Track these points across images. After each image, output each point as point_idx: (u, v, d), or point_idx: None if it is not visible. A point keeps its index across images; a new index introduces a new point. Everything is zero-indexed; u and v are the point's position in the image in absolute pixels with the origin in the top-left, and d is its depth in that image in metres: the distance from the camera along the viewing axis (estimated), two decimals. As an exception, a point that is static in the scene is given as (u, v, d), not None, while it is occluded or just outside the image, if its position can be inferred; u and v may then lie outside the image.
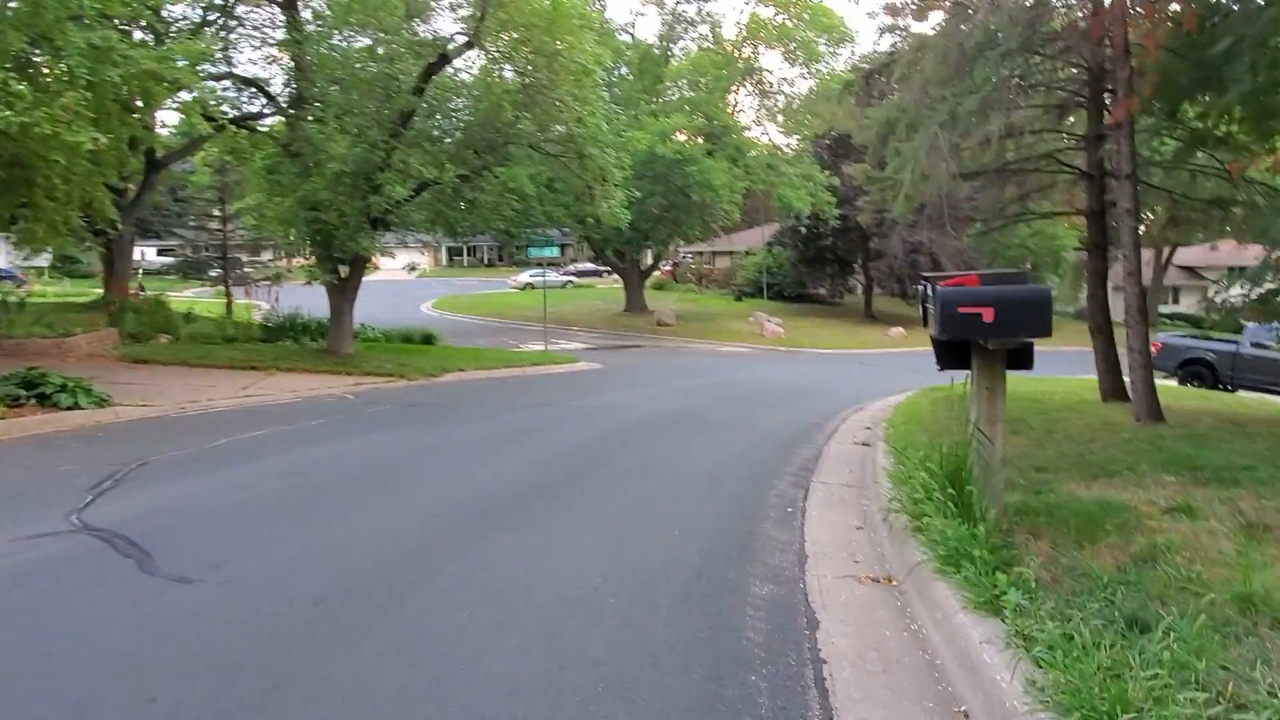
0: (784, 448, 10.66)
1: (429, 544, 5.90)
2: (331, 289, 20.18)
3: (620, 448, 10.28)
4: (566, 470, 8.74)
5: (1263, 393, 21.26)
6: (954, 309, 5.00)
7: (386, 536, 6.06)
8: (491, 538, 6.05)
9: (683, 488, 7.98)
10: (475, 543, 5.93)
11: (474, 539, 6.03)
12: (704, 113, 31.17)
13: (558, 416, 13.21)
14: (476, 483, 8.03)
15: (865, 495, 7.90)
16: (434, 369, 19.23)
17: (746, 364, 26.10)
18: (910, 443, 9.58)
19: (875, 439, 11.03)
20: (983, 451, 5.57)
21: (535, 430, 11.65)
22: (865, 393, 18.83)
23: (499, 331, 35.06)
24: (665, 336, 34.55)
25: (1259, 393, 21.26)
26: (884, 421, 12.50)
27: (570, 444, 10.47)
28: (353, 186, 18.11)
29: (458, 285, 57.59)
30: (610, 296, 45.32)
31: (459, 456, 9.42)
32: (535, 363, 22.72)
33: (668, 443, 10.77)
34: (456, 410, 13.78)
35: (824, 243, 39.85)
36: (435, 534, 6.15)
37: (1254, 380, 21.77)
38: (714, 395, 17.10)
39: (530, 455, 9.62)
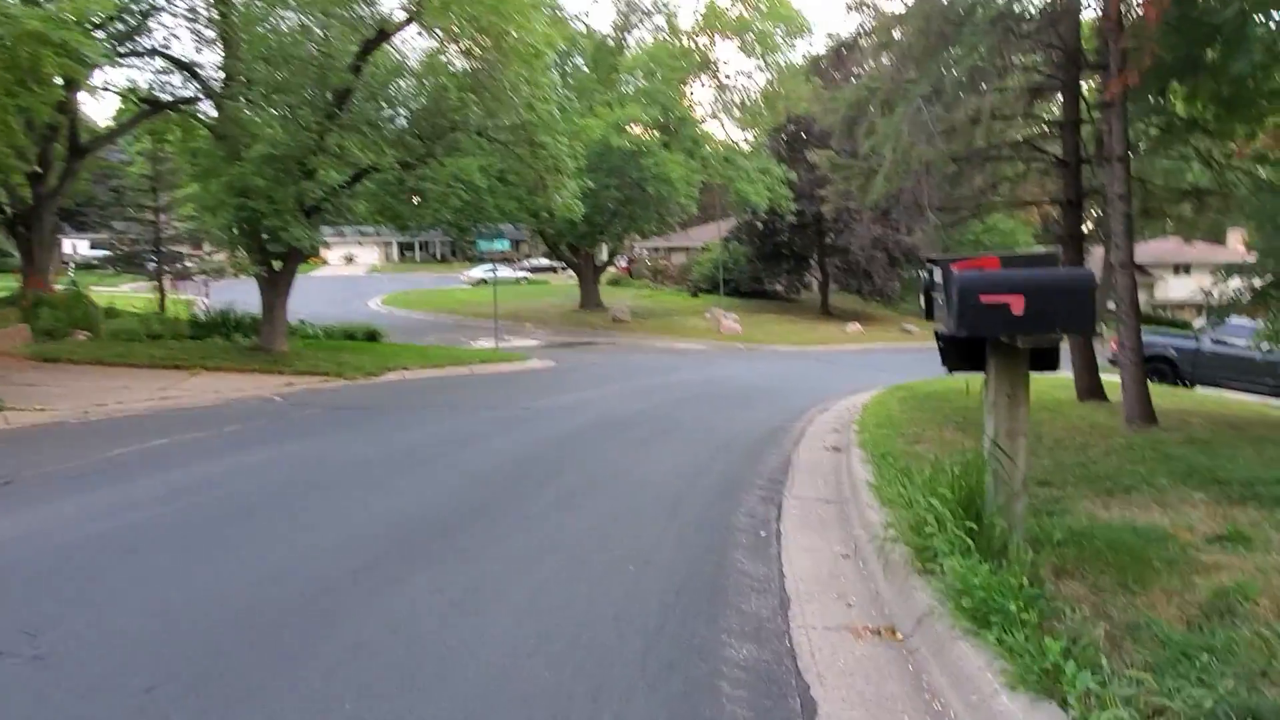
0: (750, 455, 9.63)
1: (322, 593, 4.71)
2: (263, 282, 18.73)
3: (570, 458, 9.15)
4: (507, 487, 7.59)
5: (1222, 389, 20.85)
6: (975, 298, 3.97)
7: (270, 582, 4.87)
8: (406, 582, 4.88)
9: (640, 508, 6.88)
10: (383, 590, 4.77)
11: (383, 584, 4.87)
12: (660, 104, 30.10)
13: (504, 420, 12.03)
14: (400, 504, 6.84)
15: (846, 512, 6.88)
16: (375, 368, 17.91)
17: (704, 362, 25.10)
18: (888, 449, 8.60)
19: (847, 444, 10.04)
20: (1002, 472, 4.55)
21: (478, 437, 10.47)
22: (828, 391, 17.93)
23: (450, 328, 33.64)
24: (621, 333, 33.43)
25: (1218, 389, 20.83)
26: (854, 424, 11.54)
27: (515, 453, 9.31)
28: (283, 171, 16.70)
29: (409, 281, 55.78)
30: (565, 293, 44.08)
31: (386, 470, 8.21)
32: (484, 361, 21.47)
33: (623, 451, 9.66)
34: (393, 414, 12.53)
35: (781, 238, 39.01)
36: (335, 577, 4.97)
37: (1214, 377, 21.32)
38: (672, 395, 16.04)
39: (468, 468, 8.45)
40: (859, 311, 40.64)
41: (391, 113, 19.11)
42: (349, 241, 70.27)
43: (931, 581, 4.34)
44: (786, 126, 37.89)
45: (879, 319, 40.05)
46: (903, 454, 8.38)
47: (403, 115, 19.85)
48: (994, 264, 4.29)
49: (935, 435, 9.64)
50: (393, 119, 20.31)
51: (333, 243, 71.82)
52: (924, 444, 9.08)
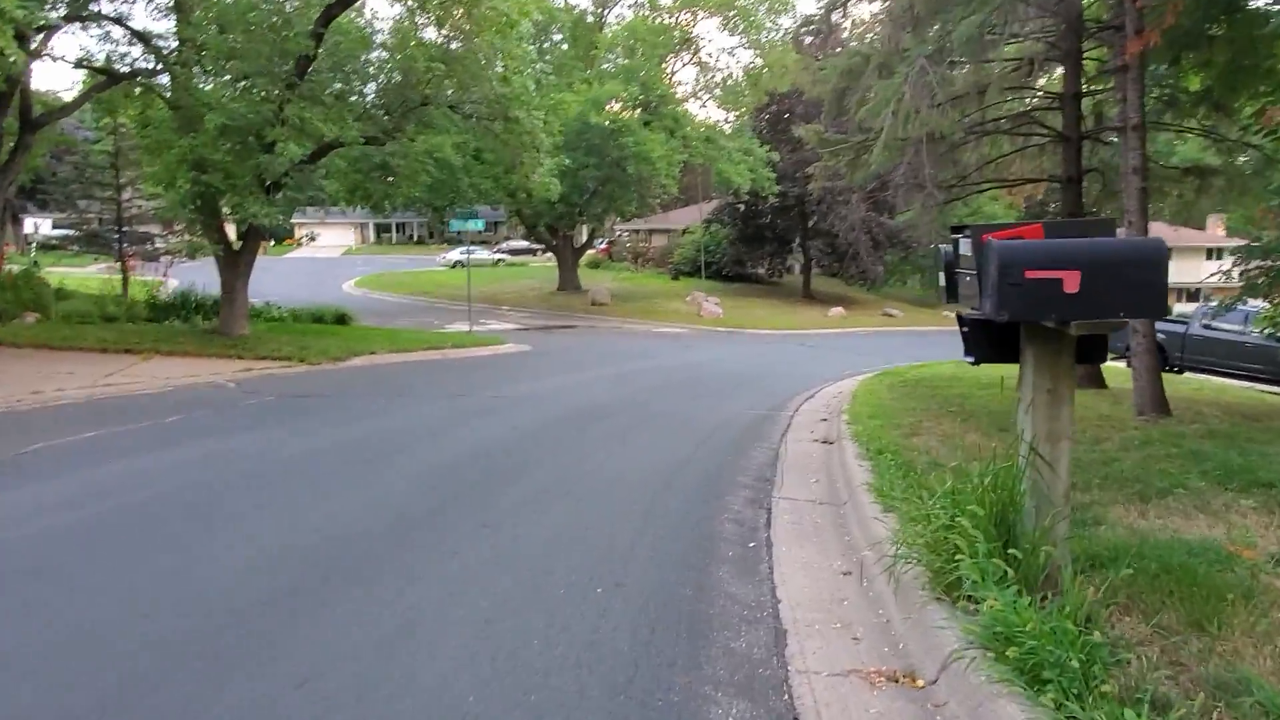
0: (734, 447, 8.85)
1: (218, 631, 3.89)
2: (222, 262, 17.72)
3: (539, 452, 8.33)
4: (466, 487, 6.76)
5: (1210, 374, 20.36)
6: (1019, 273, 3.18)
7: (159, 616, 4.03)
8: (324, 614, 4.07)
9: (612, 512, 6.08)
10: (299, 623, 3.95)
11: (301, 613, 4.05)
12: (640, 81, 29.11)
13: (471, 409, 11.19)
14: (341, 509, 6.01)
15: (843, 517, 6.11)
16: (341, 352, 16.99)
17: (685, 346, 24.32)
18: (884, 443, 7.86)
19: (838, 435, 9.29)
20: (1042, 484, 3.78)
21: (440, 428, 9.62)
22: (813, 377, 17.20)
23: (424, 311, 32.64)
24: (600, 316, 32.55)
25: (1206, 374, 20.32)
26: (843, 412, 10.80)
27: (478, 447, 8.48)
28: (240, 144, 15.68)
29: (385, 263, 54.51)
30: (543, 275, 43.09)
31: (333, 468, 7.36)
32: (457, 345, 20.55)
33: (597, 444, 8.86)
34: (353, 402, 11.65)
35: (763, 220, 38.20)
36: (240, 608, 4.14)
37: (1203, 362, 20.79)
38: (651, 381, 15.25)
39: (424, 465, 7.61)
40: (841, 295, 39.97)
41: (358, 85, 18.08)
42: (324, 223, 68.71)
43: (958, 616, 3.58)
44: (769, 106, 36.98)
45: (861, 303, 39.41)
46: (900, 448, 7.64)
47: (370, 89, 18.83)
48: (1036, 233, 3.50)
49: (933, 427, 8.91)
50: (359, 92, 19.30)
51: (307, 224, 70.31)
52: (921, 436, 8.34)
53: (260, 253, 49.14)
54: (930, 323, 37.05)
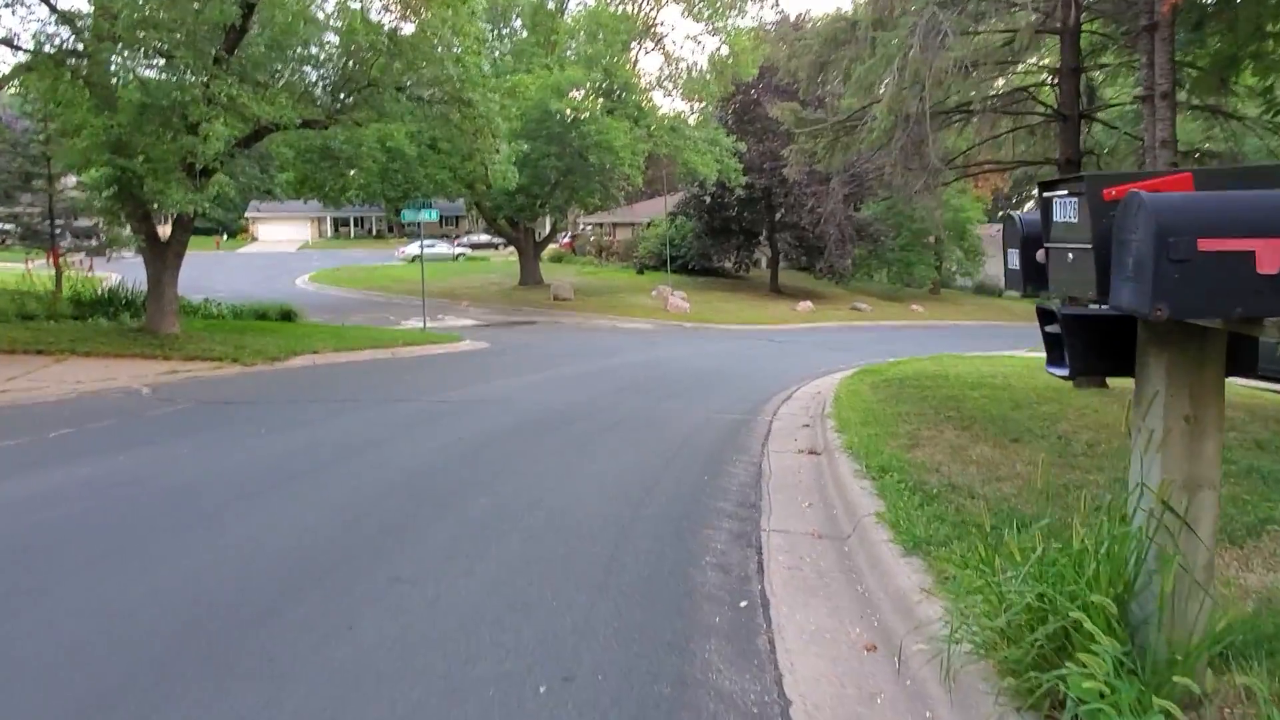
0: (710, 461, 7.63)
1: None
2: (148, 255, 16.14)
3: (482, 473, 7.03)
4: (383, 526, 5.45)
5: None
6: (1192, 244, 1.99)
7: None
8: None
9: (564, 559, 4.82)
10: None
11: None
12: (603, 67, 27.76)
13: (413, 417, 9.84)
14: (212, 563, 4.68)
15: (848, 556, 4.92)
16: (279, 352, 15.53)
17: (651, 342, 23.08)
18: (884, 458, 6.68)
19: (827, 446, 8.13)
20: (1172, 549, 2.59)
21: (374, 441, 8.27)
22: (787, 375, 16.06)
23: (380, 307, 31.06)
24: (563, 312, 31.19)
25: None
26: (827, 416, 9.65)
27: (412, 466, 7.16)
28: (163, 125, 14.14)
29: (342, 258, 52.49)
30: (505, 269, 41.59)
31: (223, 500, 6.01)
32: (409, 343, 19.11)
33: (551, 460, 7.58)
34: (280, 409, 10.25)
35: (729, 213, 37.03)
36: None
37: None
38: (616, 381, 13.99)
39: (341, 491, 6.28)
40: (809, 289, 38.99)
41: (294, 65, 16.55)
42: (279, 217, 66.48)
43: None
44: (735, 96, 35.81)
45: (829, 297, 38.45)
46: (904, 464, 6.47)
47: (311, 67, 17.31)
48: (1186, 183, 2.30)
49: (933, 436, 7.75)
50: (300, 72, 17.77)
51: (261, 218, 67.97)
52: (923, 448, 7.18)
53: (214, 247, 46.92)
54: (899, 317, 36.21)
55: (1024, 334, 33.47)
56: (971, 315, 39.05)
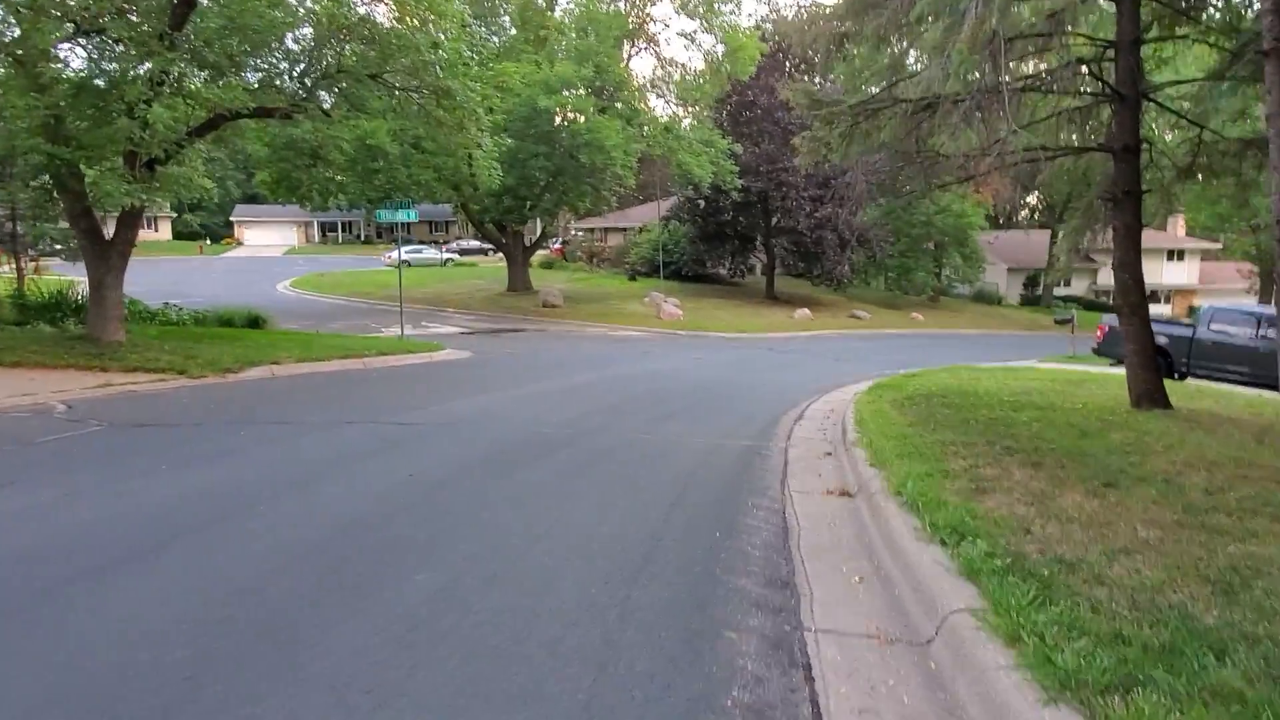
0: (722, 509, 6.02)
1: None
2: (89, 254, 14.44)
3: (431, 526, 5.38)
4: (261, 630, 3.79)
5: (1220, 382, 18.07)
6: None
7: None
8: None
9: (527, 677, 3.19)
10: None
11: None
12: (594, 64, 26.17)
13: (363, 445, 8.19)
14: (37, 670, 3.04)
15: (940, 680, 3.30)
16: (234, 362, 13.86)
17: (644, 352, 21.46)
18: (953, 513, 5.06)
19: (862, 483, 6.53)
20: None
21: (298, 483, 6.61)
22: (793, 389, 14.49)
23: (362, 313, 29.38)
24: (552, 319, 29.56)
25: (1216, 382, 18.02)
26: (854, 444, 8.06)
27: (337, 521, 5.51)
28: (97, 108, 12.49)
29: (328, 263, 50.67)
30: (493, 275, 39.93)
31: (61, 580, 4.34)
32: (384, 352, 17.40)
33: (521, 510, 5.94)
34: (206, 434, 8.57)
35: (724, 217, 35.44)
36: None
37: (1211, 368, 18.54)
38: (606, 398, 12.37)
39: (225, 567, 4.61)
40: (806, 296, 37.45)
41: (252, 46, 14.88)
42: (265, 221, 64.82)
43: None
44: (731, 97, 34.33)
45: (827, 304, 36.91)
46: (980, 521, 4.86)
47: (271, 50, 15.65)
48: None
49: (999, 476, 6.14)
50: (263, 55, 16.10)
51: (248, 222, 66.20)
52: (995, 496, 5.56)
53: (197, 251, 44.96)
54: (899, 325, 34.73)
55: (1028, 343, 32.05)
56: (972, 324, 37.60)
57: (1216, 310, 18.96)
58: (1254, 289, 39.64)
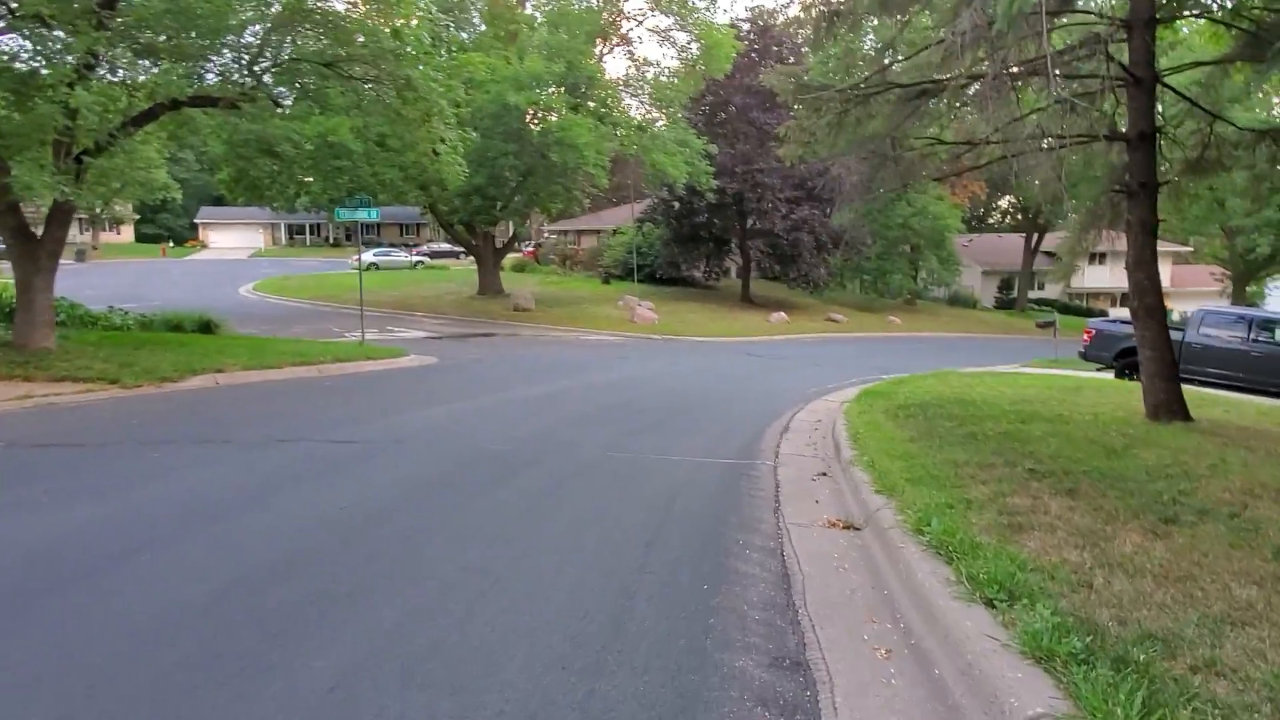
0: (708, 550, 5.03)
1: None
2: (15, 254, 13.18)
3: (349, 584, 4.32)
4: (139, 706, 2.75)
5: (1210, 386, 17.40)
6: None
7: None
8: None
9: None
10: None
11: None
12: (565, 59, 25.11)
13: (297, 467, 7.10)
14: None
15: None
16: (175, 371, 12.68)
17: (617, 357, 20.45)
18: (1000, 566, 4.08)
19: (873, 518, 5.58)
20: None
21: (210, 516, 5.52)
22: (775, 397, 13.56)
23: (324, 317, 28.06)
24: (523, 323, 28.46)
25: (1206, 387, 17.33)
26: (854, 464, 7.11)
27: (239, 570, 4.44)
28: (19, 95, 11.27)
29: (295, 265, 49.11)
30: (464, 279, 38.68)
31: None
32: (341, 358, 16.24)
33: (467, 553, 4.90)
34: (117, 455, 7.43)
35: (699, 219, 34.47)
36: None
37: (1200, 372, 17.85)
38: (576, 407, 11.35)
39: (80, 637, 3.55)
40: (782, 299, 36.62)
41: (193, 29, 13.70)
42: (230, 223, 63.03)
43: None
44: (705, 98, 33.42)
45: (803, 307, 36.09)
46: (1028, 573, 3.91)
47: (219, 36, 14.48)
48: None
49: (1033, 507, 5.21)
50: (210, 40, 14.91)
51: (213, 224, 64.37)
52: (1036, 536, 4.61)
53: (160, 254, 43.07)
54: (876, 328, 34.00)
55: (1008, 346, 31.43)
56: (949, 327, 36.97)
57: (1207, 313, 18.29)
58: (1226, 292, 39.37)
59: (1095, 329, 19.46)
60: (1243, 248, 33.84)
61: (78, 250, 50.08)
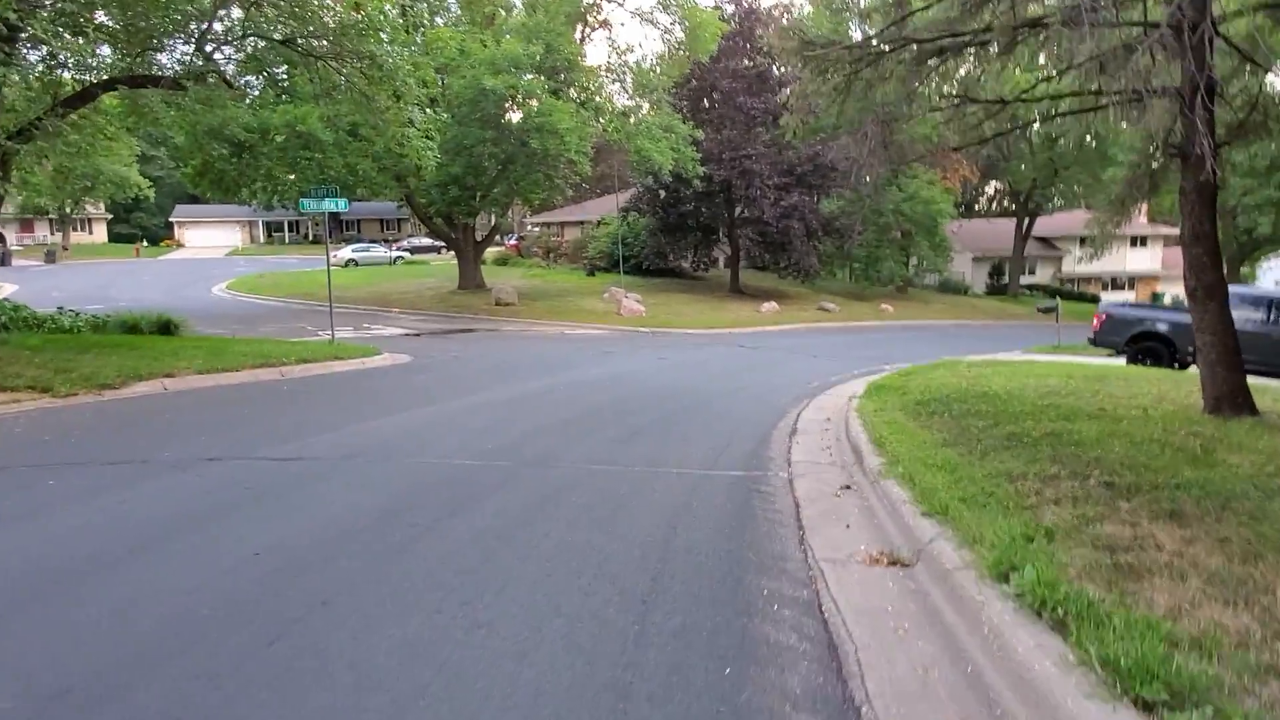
0: (721, 604, 3.83)
1: None
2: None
3: (236, 682, 3.08)
4: None
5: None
6: None
7: None
8: None
9: None
10: None
11: None
12: (544, 41, 23.77)
13: (216, 497, 5.83)
14: None
15: None
16: (120, 376, 11.40)
17: (603, 352, 19.21)
18: (1151, 637, 2.90)
19: (926, 551, 4.39)
20: None
21: (84, 569, 4.28)
22: (775, 392, 12.40)
23: (298, 315, 26.69)
24: (505, 318, 27.16)
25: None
26: (885, 477, 5.95)
27: (88, 659, 3.20)
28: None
29: (271, 264, 47.47)
30: (445, 274, 37.28)
31: None
32: (307, 359, 14.88)
33: (403, 621, 3.67)
34: (7, 483, 6.14)
35: (686, 208, 33.20)
36: None
37: (1218, 357, 16.68)
38: (559, 411, 10.12)
39: None
40: (772, 289, 35.43)
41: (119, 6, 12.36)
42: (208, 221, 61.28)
43: None
44: (689, 83, 32.12)
45: (794, 297, 34.93)
46: (1197, 653, 2.74)
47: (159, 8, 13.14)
48: None
49: (1137, 538, 4.03)
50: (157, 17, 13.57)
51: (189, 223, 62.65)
52: (1167, 587, 3.43)
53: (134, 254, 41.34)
54: (869, 317, 32.87)
55: (1005, 333, 30.31)
56: (942, 314, 35.91)
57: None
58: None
59: (1106, 313, 18.38)
60: (1243, 227, 32.93)
61: (48, 251, 48.38)
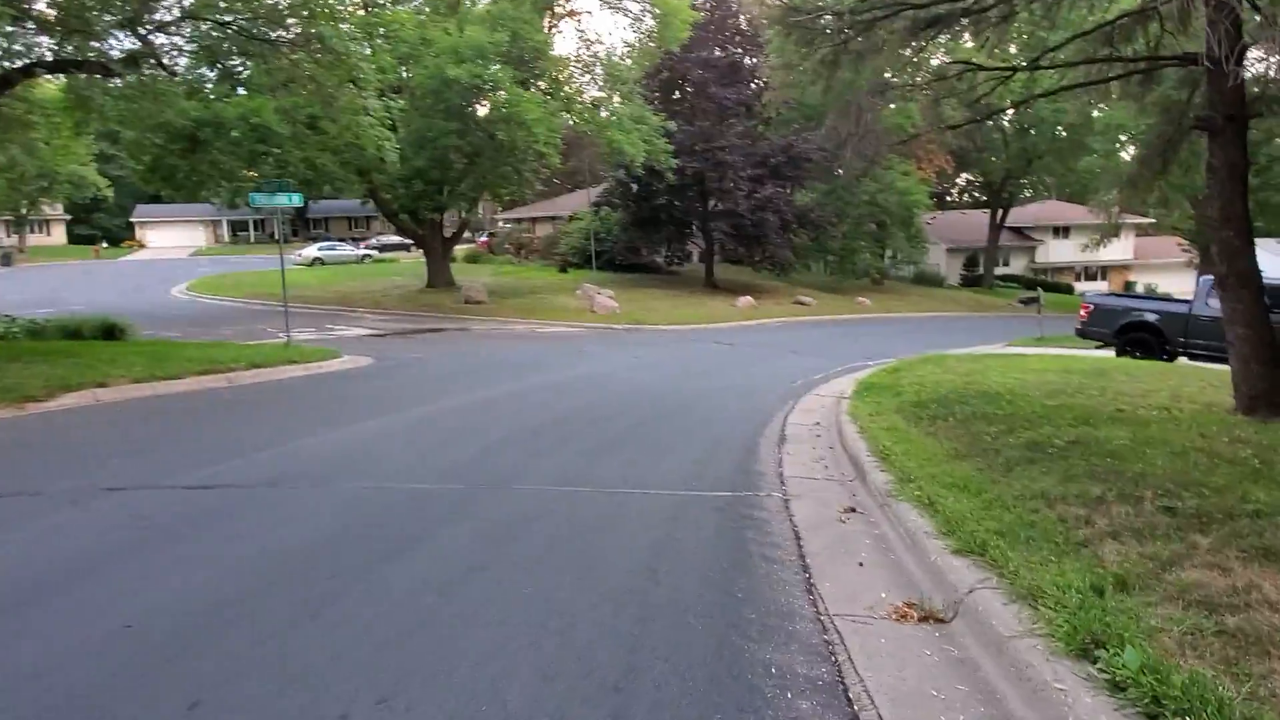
0: (718, 684, 2.90)
1: None
2: None
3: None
4: None
5: (1218, 363, 15.64)
6: None
7: None
8: None
9: None
10: None
11: None
12: (510, 29, 22.71)
13: (99, 543, 4.82)
14: None
15: None
16: (48, 386, 10.32)
17: (575, 351, 18.25)
18: None
19: (959, 598, 3.52)
20: None
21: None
22: (758, 393, 11.54)
23: (258, 316, 25.42)
24: (475, 317, 26.10)
25: (1215, 364, 15.57)
26: (895, 494, 5.09)
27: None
28: None
29: (235, 264, 45.84)
30: (413, 271, 36.05)
31: None
32: (259, 364, 13.75)
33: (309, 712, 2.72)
34: None
35: (658, 201, 32.22)
36: None
37: (1210, 348, 16.08)
38: (526, 418, 9.16)
39: None
40: (747, 283, 34.62)
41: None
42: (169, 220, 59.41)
43: None
44: (660, 73, 31.18)
45: (770, 291, 34.13)
46: None
47: None
48: None
49: (1235, 591, 3.17)
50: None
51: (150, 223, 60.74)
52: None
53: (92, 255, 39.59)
54: (846, 310, 32.18)
55: (984, 325, 29.62)
56: (919, 307, 35.31)
57: (1209, 285, 16.62)
58: (1194, 263, 38.22)
59: (1094, 303, 17.71)
60: (1211, 217, 32.52)
61: (3, 254, 46.43)
